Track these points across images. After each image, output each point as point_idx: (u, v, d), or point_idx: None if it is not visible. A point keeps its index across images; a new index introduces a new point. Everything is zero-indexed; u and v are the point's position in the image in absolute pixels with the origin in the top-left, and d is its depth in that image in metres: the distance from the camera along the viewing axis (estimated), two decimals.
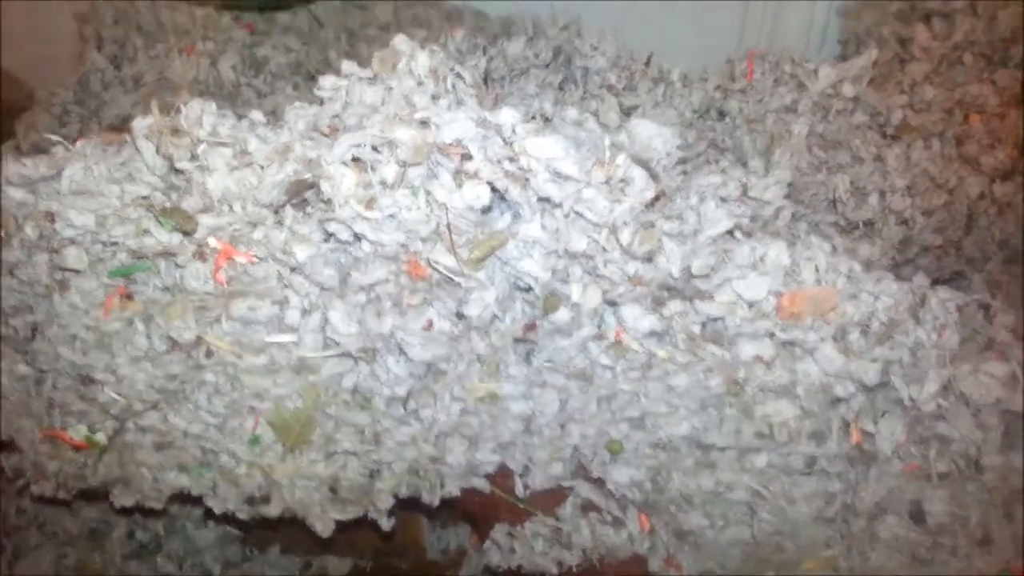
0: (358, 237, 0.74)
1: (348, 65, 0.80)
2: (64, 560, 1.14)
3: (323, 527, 0.89)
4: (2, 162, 0.81)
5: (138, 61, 1.31)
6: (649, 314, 0.77)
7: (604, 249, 0.74)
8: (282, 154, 0.75)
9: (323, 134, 0.78)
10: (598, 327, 0.78)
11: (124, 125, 0.87)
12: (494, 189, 0.72)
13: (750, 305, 0.77)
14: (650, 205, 0.76)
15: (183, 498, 0.93)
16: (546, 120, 0.96)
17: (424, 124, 0.72)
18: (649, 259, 0.74)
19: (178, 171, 0.78)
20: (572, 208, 0.73)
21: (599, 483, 0.88)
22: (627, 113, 1.16)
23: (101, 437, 0.88)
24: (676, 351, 0.78)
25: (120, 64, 1.33)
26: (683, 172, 0.96)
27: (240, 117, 0.80)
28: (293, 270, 0.76)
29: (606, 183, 0.73)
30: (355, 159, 0.73)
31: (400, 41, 0.79)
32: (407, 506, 0.91)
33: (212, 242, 0.76)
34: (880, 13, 1.29)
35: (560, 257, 0.75)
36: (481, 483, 0.89)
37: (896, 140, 1.19)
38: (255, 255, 0.76)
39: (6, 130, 1.34)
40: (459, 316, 0.77)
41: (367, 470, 0.88)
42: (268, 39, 1.36)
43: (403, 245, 0.74)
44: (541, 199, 0.73)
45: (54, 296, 0.81)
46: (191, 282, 0.78)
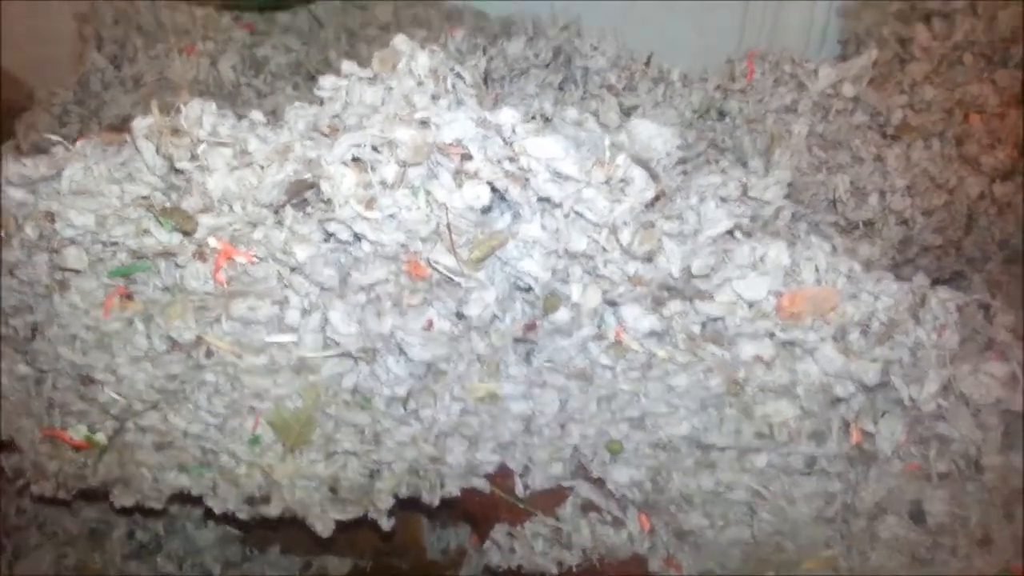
0: (358, 237, 0.74)
1: (348, 65, 0.80)
2: (64, 560, 1.14)
3: (323, 527, 0.89)
4: (2, 162, 0.81)
5: (138, 61, 1.31)
6: (649, 314, 0.77)
7: (604, 249, 0.74)
8: (282, 154, 0.75)
9: (323, 134, 0.78)
10: (598, 327, 0.78)
11: (124, 125, 0.87)
12: (494, 189, 0.72)
13: (750, 305, 0.77)
14: (650, 205, 0.75)
15: (183, 498, 0.93)
16: (546, 120, 0.95)
17: (424, 124, 0.72)
18: (649, 259, 0.74)
19: (178, 171, 0.78)
20: (572, 208, 0.73)
21: (599, 483, 0.88)
22: (627, 113, 1.16)
23: (101, 437, 0.88)
24: (676, 351, 0.78)
25: (120, 64, 1.33)
26: (683, 172, 0.96)
27: (240, 117, 0.80)
28: (293, 270, 0.76)
29: (606, 183, 0.73)
30: (355, 159, 0.73)
31: (400, 41, 0.79)
32: (407, 506, 0.91)
33: (212, 242, 0.76)
34: (880, 13, 1.29)
35: (560, 257, 0.75)
36: (481, 483, 0.89)
37: (896, 140, 1.19)
38: (255, 255, 0.76)
39: (6, 130, 1.34)
40: (459, 316, 0.77)
41: (367, 470, 0.88)
42: (268, 39, 1.36)
43: (403, 245, 0.74)
44: (541, 199, 0.73)
45: (54, 296, 0.81)
46: (191, 282, 0.78)
